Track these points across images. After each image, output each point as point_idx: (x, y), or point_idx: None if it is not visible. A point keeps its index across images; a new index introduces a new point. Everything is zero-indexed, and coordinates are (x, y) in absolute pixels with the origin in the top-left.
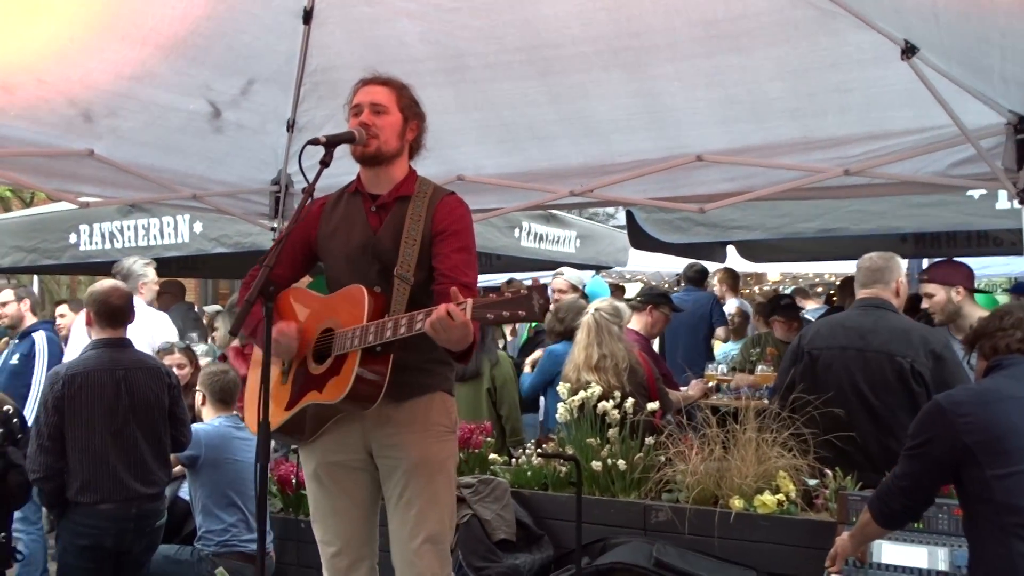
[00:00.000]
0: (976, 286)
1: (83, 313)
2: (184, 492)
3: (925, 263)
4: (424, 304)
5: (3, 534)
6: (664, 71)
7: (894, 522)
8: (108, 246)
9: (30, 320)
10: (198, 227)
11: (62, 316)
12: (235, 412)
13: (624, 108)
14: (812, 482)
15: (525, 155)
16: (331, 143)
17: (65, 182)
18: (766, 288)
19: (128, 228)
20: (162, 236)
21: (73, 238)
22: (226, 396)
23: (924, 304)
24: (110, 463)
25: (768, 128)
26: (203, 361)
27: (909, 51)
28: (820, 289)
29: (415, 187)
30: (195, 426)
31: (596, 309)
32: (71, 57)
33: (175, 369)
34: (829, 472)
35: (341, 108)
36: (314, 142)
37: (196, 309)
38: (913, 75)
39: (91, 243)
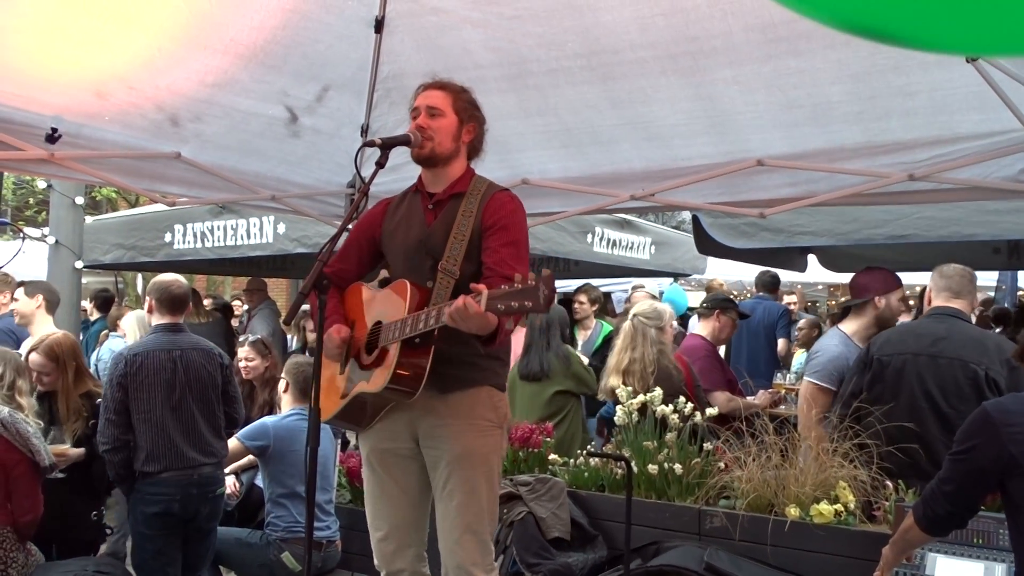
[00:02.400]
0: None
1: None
2: (260, 480)
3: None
4: None
5: (96, 512)
6: (723, 75)
7: (937, 527)
8: (199, 245)
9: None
10: (281, 228)
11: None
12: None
13: (684, 112)
14: (875, 493)
15: (588, 159)
16: (387, 145)
17: (154, 182)
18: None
19: (218, 228)
20: (248, 236)
21: (168, 237)
22: (308, 387)
23: None
24: (170, 435)
25: (830, 132)
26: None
27: None
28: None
29: (470, 185)
30: (265, 419)
31: (635, 314)
32: (159, 66)
33: (244, 362)
34: (890, 484)
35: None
36: (370, 144)
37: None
38: (980, 78)
39: (184, 242)
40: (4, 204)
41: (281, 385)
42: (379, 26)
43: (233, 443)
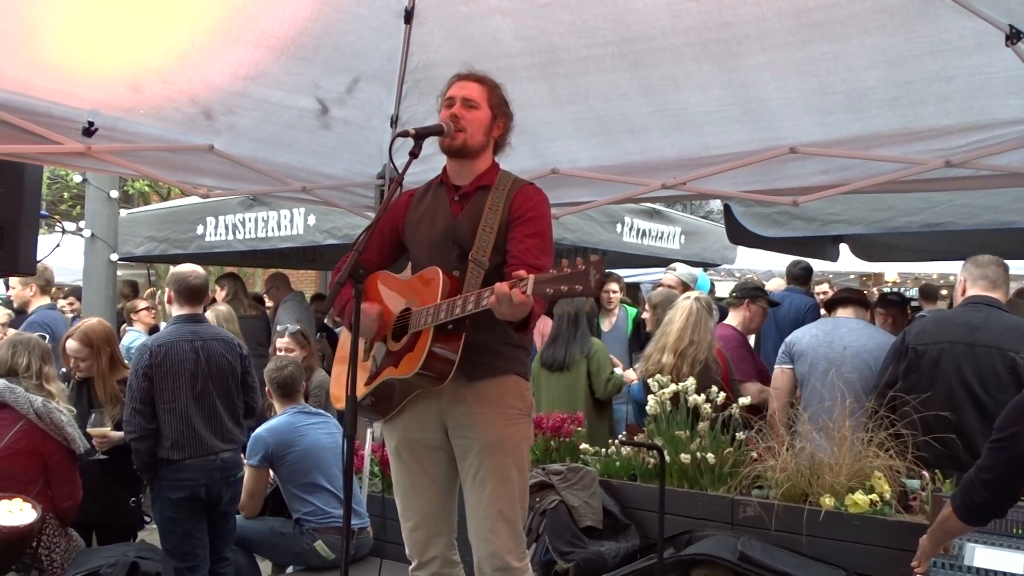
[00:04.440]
0: None
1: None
2: None
3: None
4: None
5: (134, 499)
6: (755, 61)
7: (975, 517)
8: (230, 237)
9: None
10: (311, 219)
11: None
12: (301, 402)
13: (716, 100)
14: (911, 483)
15: (618, 148)
16: (420, 135)
17: (187, 175)
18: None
19: (249, 220)
20: (279, 228)
21: (200, 229)
22: (287, 389)
23: None
24: (193, 423)
25: (864, 119)
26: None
27: (1014, 36)
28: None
29: (496, 178)
30: (259, 430)
31: (696, 298)
32: (192, 59)
33: (283, 352)
34: (927, 474)
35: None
36: (403, 134)
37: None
38: (1019, 62)
39: (215, 234)
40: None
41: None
42: (409, 16)
43: (248, 472)
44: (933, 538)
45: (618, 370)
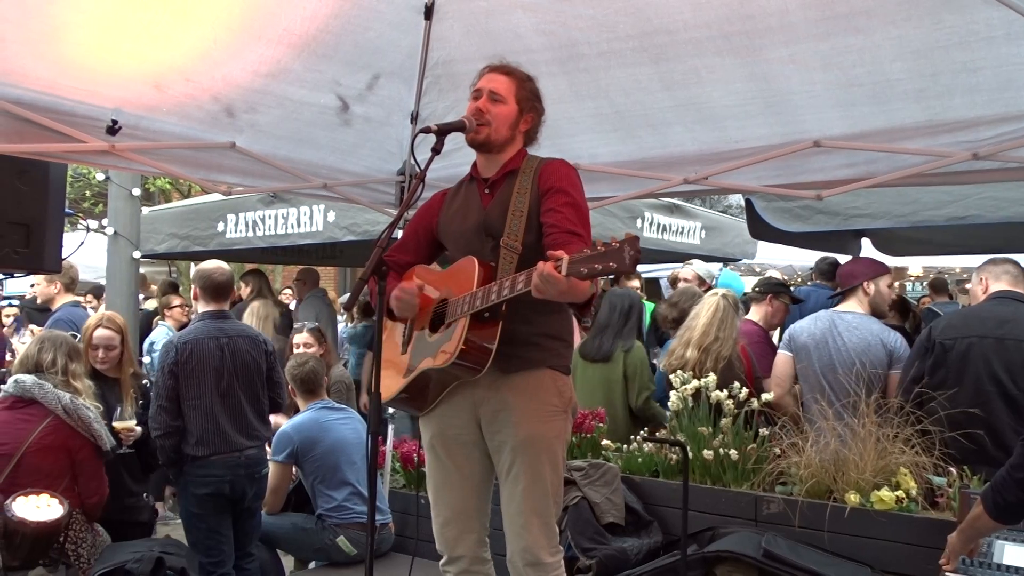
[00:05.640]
0: None
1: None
2: None
3: None
4: None
5: (146, 493)
6: (778, 54)
7: (1008, 515)
8: (251, 234)
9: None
10: (331, 216)
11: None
12: (324, 397)
13: (738, 93)
14: (937, 480)
15: (639, 143)
16: (442, 131)
17: (210, 172)
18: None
19: (269, 217)
20: (299, 225)
21: (220, 226)
22: (310, 385)
23: None
24: (218, 420)
25: (890, 111)
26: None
27: None
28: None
29: (522, 162)
30: (284, 426)
31: (724, 295)
32: (215, 57)
33: (302, 348)
34: (954, 470)
35: (461, 100)
36: (426, 130)
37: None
38: None
39: (236, 231)
40: None
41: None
42: (428, 12)
43: (273, 468)
44: (963, 536)
45: None
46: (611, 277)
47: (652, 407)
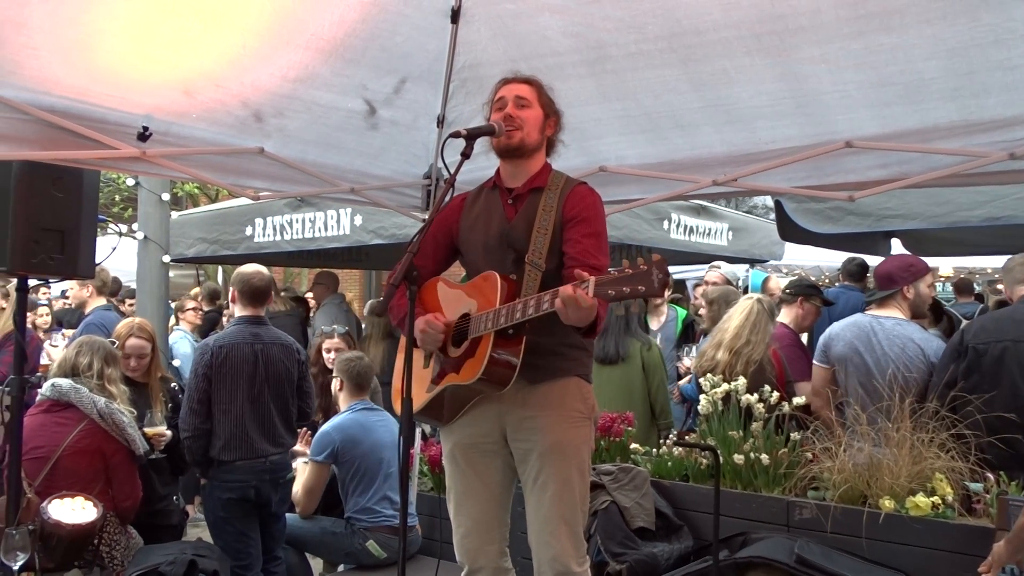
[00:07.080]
0: None
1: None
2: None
3: None
4: None
5: (176, 496)
6: (810, 54)
7: None
8: (278, 238)
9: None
10: (358, 220)
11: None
12: (367, 398)
13: (769, 94)
14: (974, 486)
15: (668, 144)
16: (472, 136)
17: (239, 177)
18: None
19: (296, 221)
20: (326, 228)
21: (249, 231)
22: (362, 381)
23: None
24: (246, 426)
25: (924, 111)
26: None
27: None
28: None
29: (548, 179)
30: (325, 426)
31: (759, 299)
32: (244, 63)
33: (332, 352)
34: (991, 476)
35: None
36: (455, 135)
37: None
38: None
39: (264, 235)
40: None
41: (335, 384)
42: (455, 16)
43: (311, 468)
44: (1012, 545)
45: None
46: None
47: (664, 404)
